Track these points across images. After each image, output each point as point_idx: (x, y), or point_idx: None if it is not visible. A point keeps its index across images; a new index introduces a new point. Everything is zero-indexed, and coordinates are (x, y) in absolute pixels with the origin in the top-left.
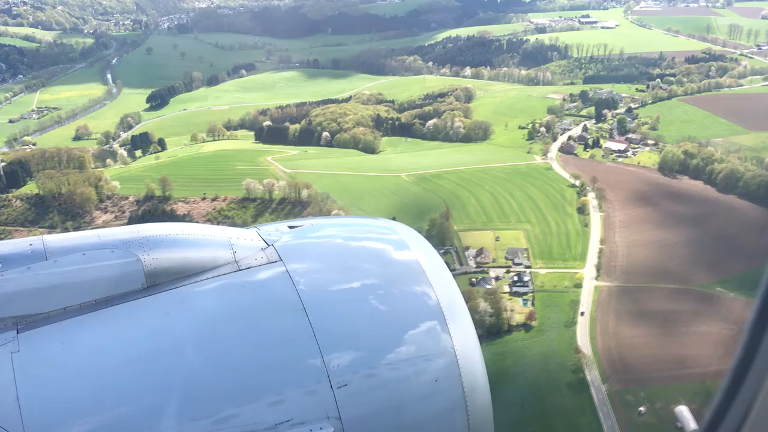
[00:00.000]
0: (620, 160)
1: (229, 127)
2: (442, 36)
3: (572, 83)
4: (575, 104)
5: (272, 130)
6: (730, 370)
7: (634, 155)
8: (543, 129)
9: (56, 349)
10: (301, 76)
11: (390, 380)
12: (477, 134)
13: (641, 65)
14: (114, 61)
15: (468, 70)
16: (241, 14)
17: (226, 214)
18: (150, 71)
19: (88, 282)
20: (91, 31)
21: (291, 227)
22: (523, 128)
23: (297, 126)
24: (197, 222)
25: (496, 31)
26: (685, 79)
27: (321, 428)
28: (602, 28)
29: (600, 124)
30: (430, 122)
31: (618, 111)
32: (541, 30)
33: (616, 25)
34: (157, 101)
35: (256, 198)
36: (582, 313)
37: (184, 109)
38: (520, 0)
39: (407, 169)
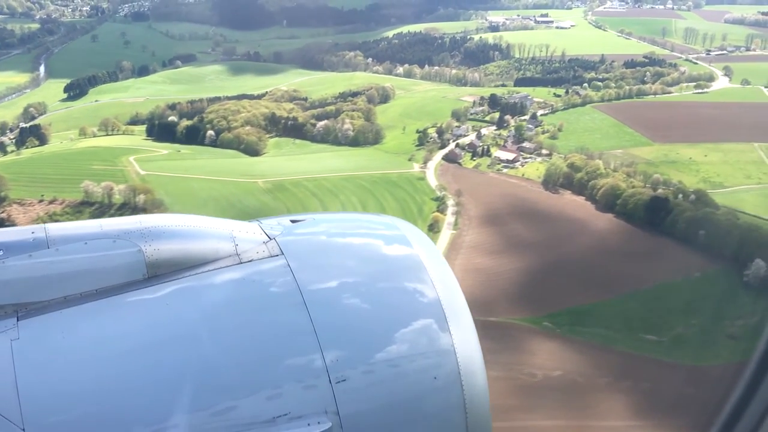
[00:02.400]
0: (505, 171)
1: (136, 121)
2: (393, 32)
3: (503, 85)
4: (482, 108)
5: (162, 127)
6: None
7: (523, 166)
8: (435, 134)
9: (56, 337)
10: (230, 69)
11: (389, 377)
12: (367, 138)
13: (580, 68)
14: (56, 48)
15: (400, 68)
16: (201, 4)
17: (58, 219)
18: (87, 59)
19: (90, 271)
20: (44, 17)
21: (293, 221)
22: (421, 132)
23: (187, 123)
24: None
25: (448, 28)
26: (613, 84)
27: (319, 422)
28: (557, 28)
29: (500, 131)
30: (321, 124)
31: (523, 117)
32: (494, 28)
33: (572, 26)
34: (76, 91)
35: (95, 202)
36: None
37: (96, 101)
38: None
39: (272, 175)
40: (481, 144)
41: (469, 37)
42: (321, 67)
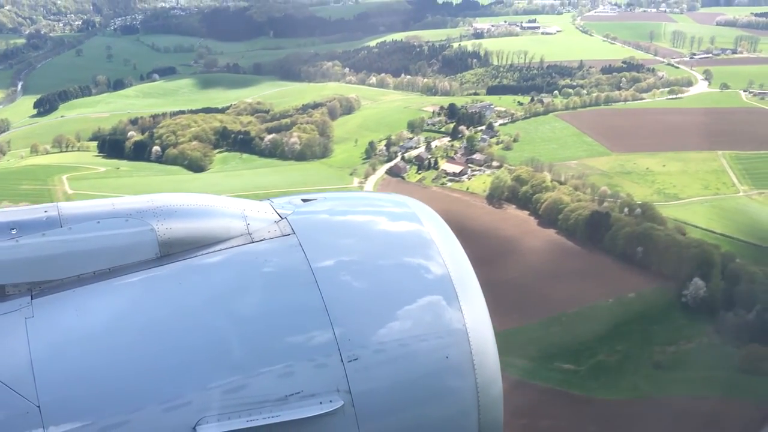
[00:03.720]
0: (450, 184)
1: (98, 136)
2: (377, 41)
3: (476, 93)
4: (439, 119)
5: (111, 143)
6: None
7: (470, 179)
8: (383, 147)
9: (70, 315)
10: (201, 82)
11: (400, 355)
12: (314, 152)
13: (557, 74)
14: (39, 64)
15: (373, 78)
16: (191, 16)
17: None
18: (68, 74)
19: (102, 250)
20: (32, 32)
21: (304, 200)
22: (377, 144)
23: (136, 138)
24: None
25: (432, 36)
26: (583, 92)
27: (331, 401)
28: (543, 33)
29: (452, 143)
30: (269, 138)
31: (480, 127)
32: (479, 35)
33: (558, 31)
34: (46, 107)
35: None
36: None
37: (62, 116)
38: (477, 3)
39: (206, 192)
40: (429, 156)
41: (448, 45)
42: (299, 77)
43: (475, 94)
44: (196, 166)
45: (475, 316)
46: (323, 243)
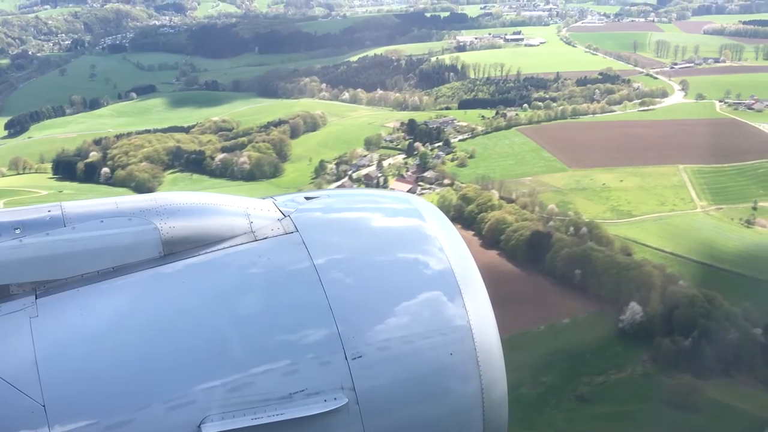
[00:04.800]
0: None
1: (61, 158)
2: (358, 56)
3: (447, 108)
4: (396, 135)
5: (65, 165)
6: None
7: None
8: (332, 166)
9: (74, 314)
10: (173, 101)
11: (404, 352)
12: (264, 171)
13: (533, 87)
14: (22, 84)
15: (346, 94)
16: (179, 33)
17: None
18: (49, 94)
19: (106, 249)
20: (19, 52)
21: (307, 198)
22: (328, 163)
23: (88, 160)
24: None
25: (415, 49)
26: (553, 105)
27: (335, 398)
28: (526, 45)
29: (407, 160)
30: (219, 157)
31: (437, 144)
32: (461, 48)
33: (541, 43)
34: (17, 128)
35: None
36: None
37: (29, 137)
38: (465, 16)
39: None
40: (380, 175)
41: (426, 59)
42: (276, 94)
43: (447, 108)
44: (143, 188)
45: (478, 313)
46: (326, 241)
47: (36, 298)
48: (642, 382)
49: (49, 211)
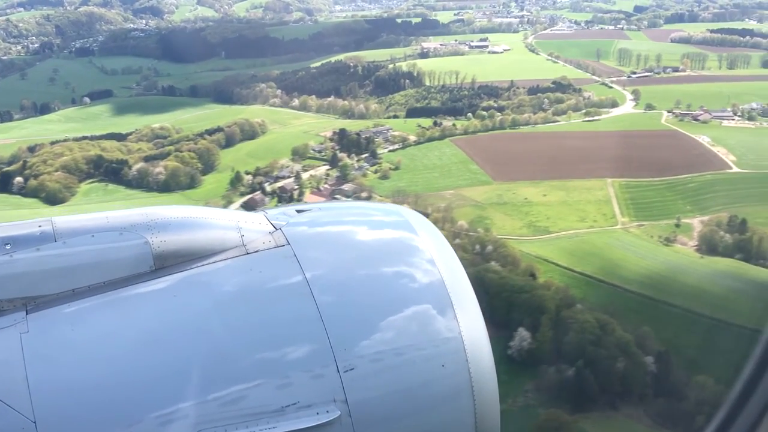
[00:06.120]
0: None
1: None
2: (320, 62)
3: (395, 116)
4: (326, 146)
5: None
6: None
7: None
8: (250, 177)
9: (65, 330)
10: (118, 107)
11: (397, 364)
12: (179, 182)
13: (486, 95)
14: None
15: (296, 101)
16: (149, 37)
17: None
18: (4, 99)
19: (97, 264)
20: None
21: (299, 211)
22: (249, 174)
23: (6, 169)
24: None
25: (379, 56)
26: (497, 114)
27: (327, 411)
28: (490, 53)
29: (330, 171)
30: (136, 167)
31: (363, 155)
32: (425, 55)
33: (505, 50)
34: None
35: None
36: None
37: None
38: (437, 22)
39: None
40: (297, 187)
41: (383, 65)
42: (231, 100)
43: (395, 116)
44: (54, 199)
45: (470, 324)
46: (318, 253)
47: (26, 314)
48: (519, 416)
49: (39, 226)
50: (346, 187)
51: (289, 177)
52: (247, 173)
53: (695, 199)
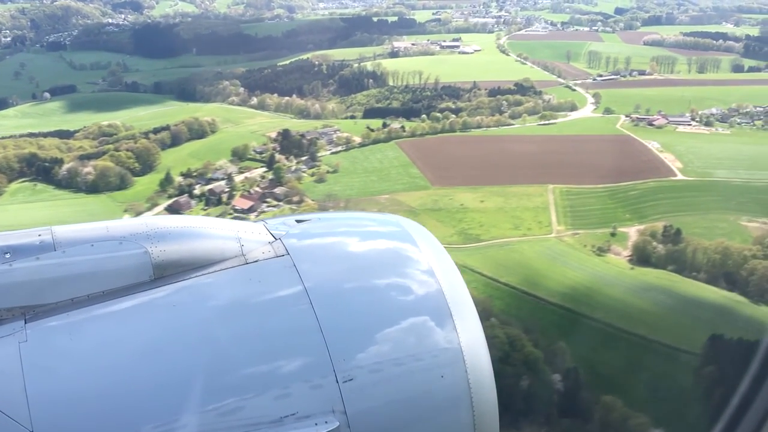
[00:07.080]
0: None
1: None
2: (288, 60)
3: (352, 117)
4: (267, 147)
5: None
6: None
7: (258, 216)
8: (180, 178)
9: (64, 339)
10: (72, 103)
11: (395, 375)
12: (109, 183)
13: (448, 96)
14: None
15: (255, 99)
16: (122, 32)
17: None
18: None
19: (96, 273)
20: None
21: (298, 221)
22: (185, 175)
23: None
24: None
25: (349, 54)
26: (451, 115)
27: (326, 422)
28: (460, 53)
29: (266, 173)
30: (66, 167)
31: (303, 158)
32: (395, 54)
33: (476, 51)
34: None
35: None
36: None
37: None
38: (413, 21)
39: None
40: (228, 190)
41: (348, 64)
42: (193, 97)
43: (352, 117)
44: None
45: (470, 336)
46: (317, 263)
47: (25, 323)
48: None
49: (39, 235)
50: (278, 190)
51: (221, 179)
52: (172, 175)
53: (636, 207)
